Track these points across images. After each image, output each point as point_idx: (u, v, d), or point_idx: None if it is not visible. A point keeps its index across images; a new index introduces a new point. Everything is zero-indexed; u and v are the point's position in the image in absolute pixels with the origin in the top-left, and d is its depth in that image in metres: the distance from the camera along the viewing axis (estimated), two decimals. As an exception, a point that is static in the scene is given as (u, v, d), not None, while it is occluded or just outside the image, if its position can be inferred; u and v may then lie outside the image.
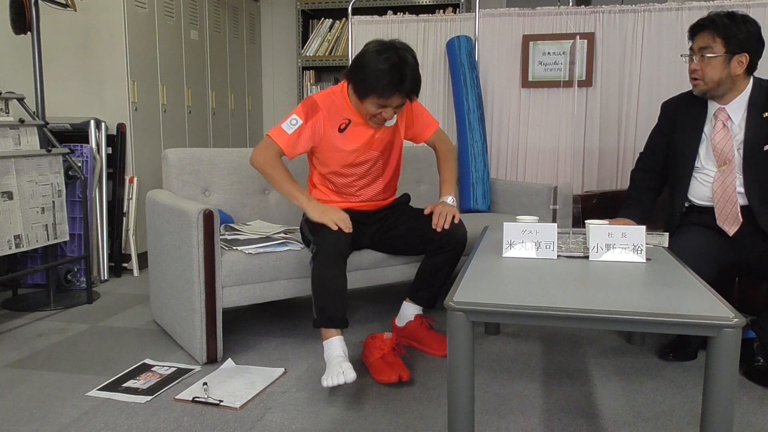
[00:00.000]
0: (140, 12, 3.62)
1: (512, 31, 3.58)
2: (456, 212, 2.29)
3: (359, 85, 2.10)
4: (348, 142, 2.23)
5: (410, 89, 2.09)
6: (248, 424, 1.79)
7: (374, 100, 2.09)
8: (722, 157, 2.15)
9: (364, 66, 2.07)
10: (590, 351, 2.35)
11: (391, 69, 2.02)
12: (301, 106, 2.23)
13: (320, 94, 2.25)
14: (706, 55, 2.10)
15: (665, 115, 2.38)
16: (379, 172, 2.34)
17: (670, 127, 2.33)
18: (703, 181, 2.21)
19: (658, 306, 1.34)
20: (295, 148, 2.21)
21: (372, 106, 2.11)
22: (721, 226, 2.14)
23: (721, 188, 2.14)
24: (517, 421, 1.80)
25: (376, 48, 2.07)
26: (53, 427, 1.77)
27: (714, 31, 2.09)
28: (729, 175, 2.13)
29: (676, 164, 2.29)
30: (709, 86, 2.13)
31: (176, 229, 2.27)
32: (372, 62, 2.05)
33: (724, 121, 2.16)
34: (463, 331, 1.38)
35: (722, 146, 2.14)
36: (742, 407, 1.88)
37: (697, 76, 2.14)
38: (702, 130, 2.22)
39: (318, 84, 5.08)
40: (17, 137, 2.83)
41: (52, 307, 2.94)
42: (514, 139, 3.64)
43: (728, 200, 2.12)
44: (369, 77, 2.05)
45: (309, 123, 2.19)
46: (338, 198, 2.34)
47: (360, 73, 2.08)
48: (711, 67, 2.10)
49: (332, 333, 2.04)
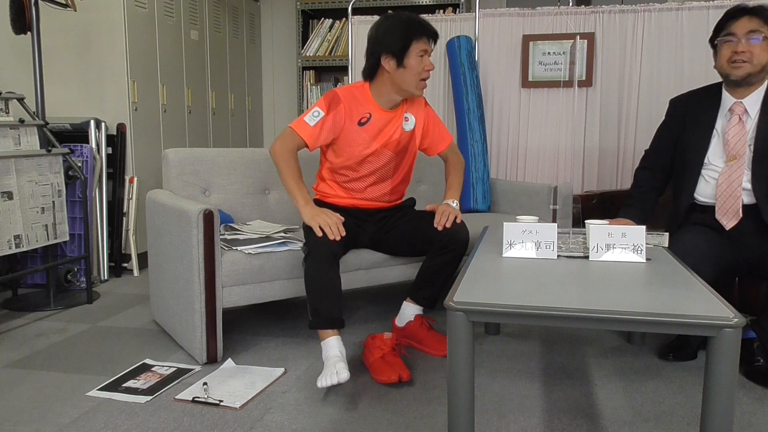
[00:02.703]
0: (140, 12, 3.62)
1: (512, 31, 3.58)
2: (458, 214, 2.30)
3: (394, 47, 2.18)
4: (366, 137, 2.26)
5: (433, 32, 2.23)
6: (248, 424, 1.79)
7: (415, 49, 2.18)
8: (733, 152, 2.13)
9: (385, 31, 2.20)
10: (590, 351, 2.35)
11: (410, 18, 2.20)
12: (323, 98, 2.26)
13: (342, 88, 2.29)
14: (757, 38, 2.07)
15: (674, 112, 2.36)
16: (389, 174, 2.35)
17: (679, 124, 2.31)
18: (709, 179, 2.20)
19: (658, 306, 1.34)
20: (318, 140, 2.24)
21: (415, 60, 2.19)
22: (719, 220, 2.13)
23: (726, 182, 2.13)
24: (517, 421, 1.80)
25: (381, 19, 2.24)
26: (53, 427, 1.77)
27: (765, 19, 2.07)
28: (736, 171, 2.11)
29: (684, 161, 2.27)
30: (756, 69, 2.10)
31: (176, 229, 2.27)
32: (390, 23, 2.20)
33: (741, 114, 2.14)
34: (463, 331, 1.38)
35: (735, 141, 2.13)
36: (742, 407, 1.88)
37: (745, 59, 2.09)
38: (714, 126, 2.20)
39: (318, 84, 5.08)
40: (17, 137, 2.83)
41: (52, 307, 2.94)
42: (514, 139, 3.64)
43: (731, 195, 2.11)
44: (397, 31, 2.18)
45: (330, 115, 2.22)
46: (344, 193, 2.35)
47: (387, 38, 2.19)
48: (761, 49, 2.08)
49: (329, 333, 2.04)
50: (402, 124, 2.32)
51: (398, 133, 2.31)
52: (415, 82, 2.21)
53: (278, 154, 2.21)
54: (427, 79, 2.25)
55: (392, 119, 2.30)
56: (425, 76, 2.22)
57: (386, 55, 2.19)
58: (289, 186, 2.20)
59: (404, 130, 2.33)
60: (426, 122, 2.41)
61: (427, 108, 2.43)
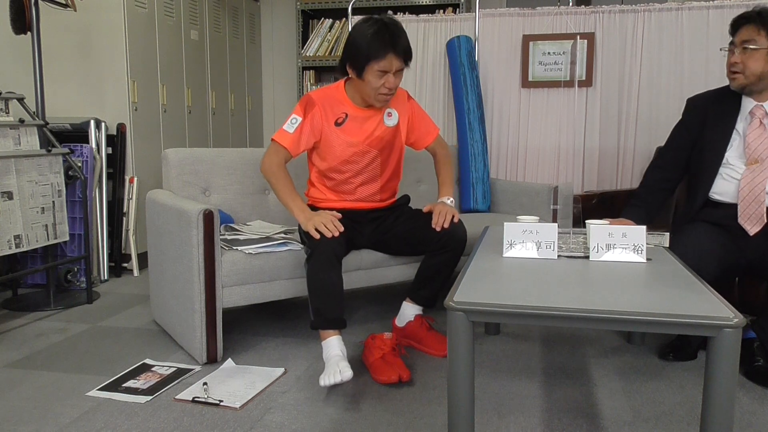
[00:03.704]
0: (140, 12, 3.62)
1: (512, 31, 3.58)
2: (455, 212, 2.29)
3: (355, 60, 2.13)
4: (346, 137, 2.25)
5: (404, 49, 2.13)
6: (248, 424, 1.79)
7: (373, 67, 2.11)
8: (754, 156, 2.11)
9: (353, 40, 2.13)
10: (590, 351, 2.35)
11: (380, 31, 2.09)
12: (299, 104, 2.26)
13: (316, 91, 2.29)
14: (749, 47, 2.07)
15: (692, 111, 2.34)
16: (377, 172, 2.34)
17: (698, 124, 2.28)
18: (728, 177, 2.17)
19: (658, 306, 1.34)
20: (299, 146, 2.24)
21: (373, 77, 2.13)
22: (743, 225, 2.11)
23: (748, 186, 2.10)
24: (517, 421, 1.80)
25: (361, 21, 2.15)
26: (53, 427, 1.77)
27: (760, 24, 2.06)
28: (759, 174, 2.09)
29: (702, 159, 2.24)
30: (750, 80, 2.09)
31: (176, 229, 2.27)
32: (360, 32, 2.11)
33: (761, 118, 2.12)
34: (463, 331, 1.38)
35: (756, 144, 2.11)
36: (742, 407, 1.88)
37: (738, 69, 2.10)
38: (734, 127, 2.18)
39: (318, 84, 5.08)
40: (17, 137, 2.83)
41: (52, 307, 2.94)
42: (514, 139, 3.64)
43: (755, 199, 2.09)
44: (361, 46, 2.10)
45: (307, 119, 2.22)
46: (334, 196, 2.35)
47: (352, 48, 2.14)
48: (753, 60, 2.07)
49: (330, 333, 2.05)
50: (383, 120, 2.30)
51: (380, 129, 2.29)
52: (373, 95, 2.19)
53: (267, 171, 2.23)
54: (388, 95, 2.19)
55: (371, 116, 2.29)
56: (384, 92, 2.17)
57: (348, 64, 2.18)
58: (283, 199, 2.21)
59: (387, 126, 2.30)
60: (411, 116, 2.39)
61: (411, 102, 2.41)
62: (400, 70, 2.16)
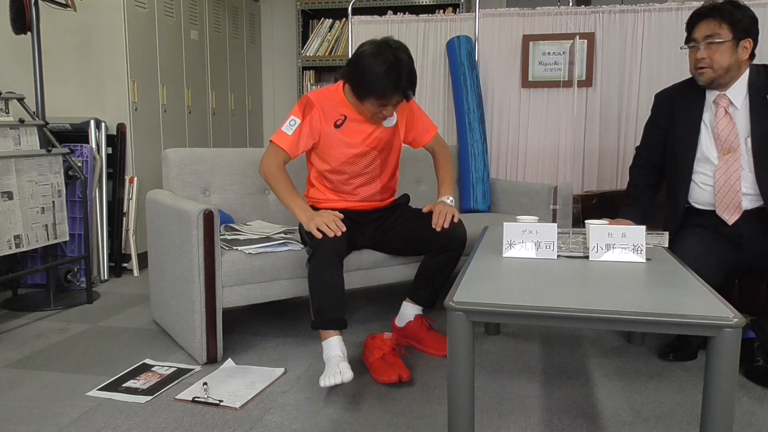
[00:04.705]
0: (140, 12, 3.62)
1: (512, 31, 3.58)
2: (455, 212, 2.30)
3: (358, 88, 2.14)
4: (345, 138, 2.25)
5: (407, 87, 2.13)
6: (248, 424, 1.79)
7: (374, 101, 2.13)
8: (726, 146, 2.11)
9: (361, 69, 2.10)
10: (590, 351, 2.35)
11: (389, 70, 2.06)
12: (297, 105, 2.26)
13: (314, 92, 2.29)
14: (715, 41, 2.07)
15: (660, 106, 2.35)
16: (377, 172, 2.34)
17: (667, 118, 2.30)
18: (703, 185, 2.18)
19: (658, 306, 1.34)
20: (298, 148, 2.24)
21: (372, 106, 2.16)
22: (720, 215, 2.12)
23: (724, 177, 2.10)
24: (517, 421, 1.80)
25: (372, 51, 2.10)
26: (53, 427, 1.77)
27: (720, 18, 2.06)
28: (733, 164, 2.09)
29: (676, 155, 2.24)
30: (718, 73, 2.09)
31: (176, 229, 2.27)
32: (369, 65, 2.08)
33: (726, 107, 2.12)
34: (463, 331, 1.38)
35: (726, 134, 2.11)
36: (742, 407, 1.88)
37: (705, 65, 2.10)
38: (701, 119, 2.18)
39: (318, 84, 5.08)
40: (17, 137, 2.83)
41: (52, 307, 2.94)
42: (514, 139, 3.64)
43: (730, 189, 2.09)
44: (367, 80, 2.09)
45: (306, 120, 2.22)
46: (335, 197, 2.35)
47: (358, 77, 2.13)
48: (720, 53, 2.07)
49: (330, 333, 2.05)
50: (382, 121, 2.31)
51: (378, 130, 2.29)
52: (368, 116, 2.22)
53: (266, 173, 2.23)
54: (384, 119, 2.23)
55: None
56: (380, 117, 2.21)
57: (350, 86, 2.18)
58: (284, 201, 2.21)
59: (385, 127, 2.30)
60: (409, 115, 2.40)
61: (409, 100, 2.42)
62: (400, 102, 2.18)
